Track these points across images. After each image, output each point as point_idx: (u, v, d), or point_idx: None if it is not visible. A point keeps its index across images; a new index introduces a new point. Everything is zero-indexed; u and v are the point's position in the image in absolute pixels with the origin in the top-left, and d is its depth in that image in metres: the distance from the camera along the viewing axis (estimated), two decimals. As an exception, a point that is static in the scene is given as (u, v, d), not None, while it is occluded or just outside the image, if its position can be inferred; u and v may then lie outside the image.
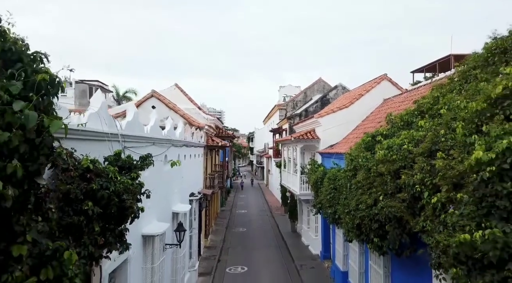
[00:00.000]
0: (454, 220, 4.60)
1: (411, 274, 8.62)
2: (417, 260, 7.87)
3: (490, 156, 4.14)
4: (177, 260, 12.29)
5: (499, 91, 5.34)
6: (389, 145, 7.57)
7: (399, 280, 9.54)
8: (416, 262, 8.04)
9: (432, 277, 6.79)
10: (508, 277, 3.71)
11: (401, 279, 9.38)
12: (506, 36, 8.55)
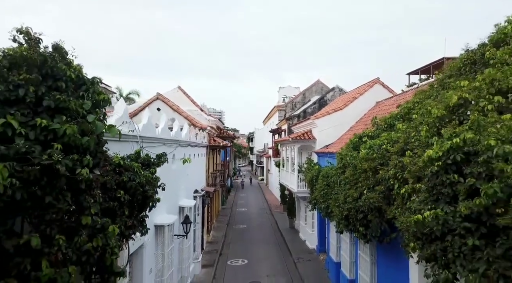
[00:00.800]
0: (414, 205, 5.72)
1: (392, 259, 9.73)
2: (396, 246, 8.98)
3: (438, 154, 5.26)
4: (183, 250, 13.42)
5: (455, 100, 6.47)
6: (371, 145, 8.71)
7: (383, 265, 10.66)
8: (396, 248, 9.16)
9: (409, 259, 7.91)
10: (447, 246, 4.82)
11: (385, 264, 10.50)
12: (475, 49, 9.67)
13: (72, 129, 3.33)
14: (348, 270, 13.66)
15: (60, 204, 3.39)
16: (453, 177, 5.07)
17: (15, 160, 2.94)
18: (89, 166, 3.56)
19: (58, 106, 3.49)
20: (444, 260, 4.92)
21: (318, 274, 16.84)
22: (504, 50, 8.08)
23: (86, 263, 4.29)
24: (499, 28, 9.31)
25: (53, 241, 3.44)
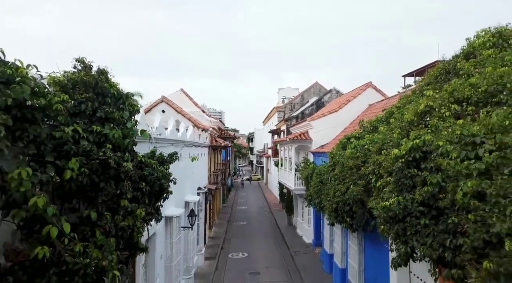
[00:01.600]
0: (385, 195, 6.93)
1: (376, 246, 10.94)
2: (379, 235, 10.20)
3: (402, 152, 6.46)
4: (188, 241, 14.63)
5: (422, 108, 7.69)
6: (355, 145, 9.93)
7: (369, 252, 11.87)
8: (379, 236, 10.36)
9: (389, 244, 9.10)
10: (406, 226, 6.02)
11: (370, 251, 11.71)
12: (450, 60, 10.87)
13: (118, 134, 4.54)
14: (339, 260, 14.87)
15: (109, 189, 4.60)
16: (413, 171, 6.28)
17: (82, 155, 4.13)
18: (128, 161, 4.77)
19: (107, 117, 4.69)
20: (404, 237, 6.14)
21: (313, 265, 18.05)
22: (470, 62, 9.31)
23: (121, 238, 5.50)
24: (470, 42, 10.53)
25: (103, 216, 4.65)
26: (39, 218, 3.45)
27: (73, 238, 3.76)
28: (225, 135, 32.38)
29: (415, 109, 7.93)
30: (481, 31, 10.47)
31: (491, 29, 10.24)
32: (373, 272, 11.66)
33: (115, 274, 4.57)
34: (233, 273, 17.07)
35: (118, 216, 5.12)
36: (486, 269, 3.78)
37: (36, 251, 3.38)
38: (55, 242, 3.61)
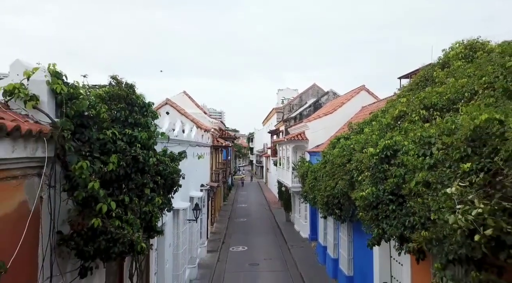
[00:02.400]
0: (363, 187, 8.17)
1: (362, 236, 12.17)
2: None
3: (377, 151, 7.70)
4: (192, 233, 15.88)
5: (397, 113, 8.94)
6: (342, 145, 11.17)
7: (357, 242, 13.10)
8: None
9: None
10: (379, 212, 7.26)
11: (358, 241, 12.94)
12: (428, 68, 12.10)
13: (145, 135, 5.78)
14: (332, 251, 16.12)
15: (137, 179, 5.85)
16: (385, 166, 7.53)
17: (119, 152, 5.37)
18: (152, 157, 6.02)
19: (136, 122, 5.92)
20: (377, 221, 7.38)
21: (308, 257, 19.30)
22: (444, 72, 10.57)
23: (143, 220, 6.75)
24: (445, 53, 11.80)
25: (132, 201, 5.90)
26: (94, 197, 4.70)
27: (118, 213, 5.01)
28: (226, 135, 33.65)
29: (392, 114, 9.18)
30: (455, 43, 11.74)
31: (464, 42, 11.51)
32: (360, 259, 12.90)
33: (143, 246, 5.82)
34: (234, 264, 18.32)
35: (142, 202, 6.36)
36: (423, 236, 5.02)
37: (92, 221, 4.62)
38: (103, 217, 4.86)
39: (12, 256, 3.67)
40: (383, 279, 10.75)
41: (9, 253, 3.67)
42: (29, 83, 4.48)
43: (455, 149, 5.33)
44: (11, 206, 3.90)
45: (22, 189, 4.11)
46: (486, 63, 8.61)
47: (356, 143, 10.69)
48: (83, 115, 4.72)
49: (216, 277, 16.37)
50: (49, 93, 4.55)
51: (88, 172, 4.56)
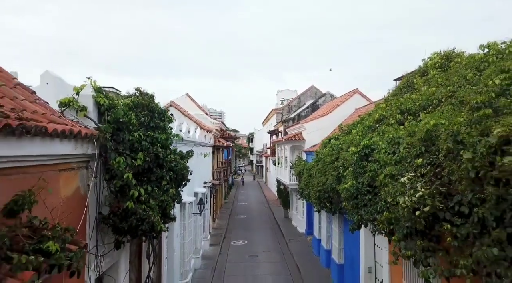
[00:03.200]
0: (347, 181, 9.51)
1: (351, 227, 13.49)
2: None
3: (357, 149, 9.04)
4: (196, 226, 17.23)
5: (378, 116, 10.29)
6: (332, 144, 12.51)
7: (347, 233, 14.41)
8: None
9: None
10: (358, 202, 8.60)
11: (348, 232, 14.26)
12: (410, 75, 13.43)
13: (164, 137, 7.12)
14: (325, 242, 17.47)
15: (158, 172, 7.19)
16: (364, 163, 8.87)
17: (144, 151, 6.71)
18: (169, 155, 7.36)
19: (156, 126, 7.25)
20: (357, 209, 8.73)
21: (304, 250, 20.65)
22: (422, 80, 11.90)
23: (160, 207, 8.08)
24: (425, 62, 13.11)
25: (153, 190, 7.23)
26: (127, 185, 6.04)
27: (145, 199, 6.35)
28: (227, 136, 35.00)
29: (374, 117, 10.52)
30: (433, 53, 13.05)
31: (441, 52, 12.83)
32: (349, 249, 14.23)
33: (162, 227, 7.16)
34: (235, 256, 19.67)
35: (160, 191, 7.70)
36: (385, 216, 6.35)
37: (127, 204, 5.96)
38: (134, 201, 6.20)
39: (75, 226, 5.00)
40: (368, 264, 12.09)
41: (72, 224, 5.01)
42: (79, 97, 5.82)
43: (413, 147, 6.67)
44: (71, 190, 5.24)
45: (77, 178, 5.46)
46: (453, 74, 9.95)
47: (343, 143, 12.04)
48: (119, 121, 6.06)
49: (219, 266, 17.72)
50: (94, 104, 5.89)
51: (124, 165, 5.90)
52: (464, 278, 4.77)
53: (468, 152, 4.62)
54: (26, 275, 3.12)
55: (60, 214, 4.62)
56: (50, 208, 4.37)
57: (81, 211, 5.46)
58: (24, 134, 3.79)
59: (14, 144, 3.69)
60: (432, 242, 5.54)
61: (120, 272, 7.09)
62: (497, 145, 4.24)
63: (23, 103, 4.77)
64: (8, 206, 3.58)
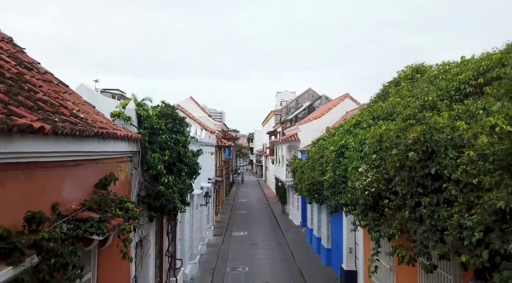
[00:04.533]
0: (327, 173, 11.75)
1: (336, 216, 15.73)
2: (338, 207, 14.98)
3: (335, 148, 11.27)
4: (202, 217, 19.47)
5: (354, 121, 12.53)
6: (319, 144, 14.76)
7: (334, 221, 16.66)
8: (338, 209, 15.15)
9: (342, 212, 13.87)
10: (335, 190, 10.81)
11: (335, 220, 16.51)
12: (388, 84, 15.62)
13: (184, 139, 9.36)
14: (317, 231, 19.71)
15: (179, 166, 9.41)
16: (340, 159, 11.10)
17: (169, 149, 8.93)
18: (188, 153, 9.60)
19: (177, 130, 9.46)
20: (334, 196, 10.95)
21: (299, 239, 22.90)
22: (395, 90, 14.11)
23: (179, 193, 10.31)
24: (399, 74, 15.31)
25: (175, 179, 9.46)
26: (159, 174, 8.26)
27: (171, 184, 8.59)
28: (228, 136, 37.24)
29: (351, 122, 12.76)
30: (405, 66, 15.25)
31: (413, 65, 15.02)
32: (335, 235, 16.46)
33: (181, 208, 9.41)
34: (236, 244, 21.91)
35: (180, 181, 9.92)
36: (349, 198, 8.57)
37: (160, 188, 8.19)
38: (164, 186, 8.43)
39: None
40: (349, 245, 14.31)
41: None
42: (125, 110, 8.05)
43: (372, 146, 8.89)
44: (123, 176, 7.47)
45: (126, 168, 7.69)
46: (416, 86, 12.16)
47: (328, 143, 14.27)
48: (153, 128, 8.29)
49: (222, 252, 19.95)
50: (136, 115, 8.13)
51: (157, 160, 8.13)
52: (396, 235, 6.98)
53: (395, 149, 6.84)
54: (118, 220, 5.35)
55: (119, 191, 6.85)
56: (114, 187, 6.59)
57: (129, 191, 7.69)
58: (105, 137, 6.02)
59: (99, 144, 5.90)
60: (378, 214, 7.76)
61: (150, 241, 9.32)
62: (410, 145, 6.46)
63: (94, 116, 7.01)
64: (101, 182, 5.81)
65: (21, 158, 3.94)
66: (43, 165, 4.47)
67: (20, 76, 5.77)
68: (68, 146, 4.84)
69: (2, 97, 4.27)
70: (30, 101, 4.96)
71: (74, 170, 5.34)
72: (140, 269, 8.43)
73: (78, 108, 6.60)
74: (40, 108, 5.04)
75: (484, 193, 4.14)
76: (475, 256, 4.38)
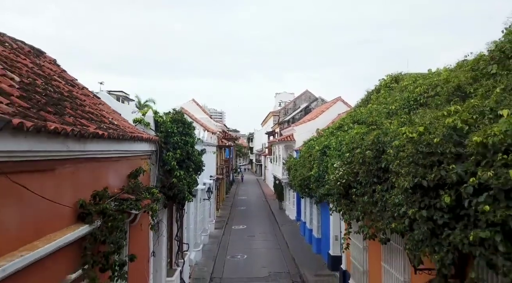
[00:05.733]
0: (314, 170, 13.67)
1: (324, 208, 17.65)
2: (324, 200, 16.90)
3: (320, 147, 13.17)
4: (205, 210, 21.39)
5: (338, 124, 14.46)
6: (309, 144, 16.69)
7: (323, 213, 18.59)
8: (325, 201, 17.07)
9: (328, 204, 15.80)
10: (319, 184, 12.72)
11: (323, 212, 18.44)
12: (371, 91, 17.52)
13: (192, 140, 11.26)
14: (309, 223, 21.64)
15: (188, 163, 11.33)
16: (324, 157, 13.03)
17: (179, 149, 10.84)
18: (195, 152, 11.52)
19: (187, 132, 11.38)
20: (318, 188, 12.86)
21: (293, 232, 24.84)
22: (375, 96, 16.02)
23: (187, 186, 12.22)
24: (380, 81, 17.22)
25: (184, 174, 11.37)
26: (173, 169, 10.18)
27: (181, 178, 10.51)
28: (228, 137, 39.15)
29: (335, 125, 14.68)
30: (386, 75, 17.14)
31: (392, 74, 16.92)
32: (324, 226, 18.38)
33: (190, 198, 11.33)
34: (236, 236, 23.85)
35: (188, 176, 11.83)
36: (326, 188, 10.46)
37: (173, 180, 10.12)
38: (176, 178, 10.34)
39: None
40: (335, 233, 16.24)
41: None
42: (145, 117, 9.97)
43: (347, 147, 10.81)
44: (146, 168, 9.38)
45: (147, 163, 9.60)
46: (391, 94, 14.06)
47: (316, 143, 16.19)
48: (167, 131, 10.21)
49: (223, 243, 21.89)
50: (153, 121, 10.05)
51: (171, 157, 10.05)
52: (360, 216, 8.87)
53: (359, 149, 8.75)
54: (147, 201, 7.27)
55: (143, 181, 8.77)
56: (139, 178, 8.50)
57: (148, 182, 9.61)
58: (135, 140, 7.93)
59: (130, 144, 7.81)
60: (348, 200, 9.67)
61: (164, 223, 11.23)
62: (368, 145, 8.36)
63: (123, 123, 8.94)
64: (132, 173, 7.73)
65: (89, 154, 5.85)
66: (99, 160, 6.39)
67: (71, 94, 7.69)
68: (113, 146, 6.76)
69: (71, 112, 6.18)
70: (85, 114, 6.88)
71: (115, 164, 7.26)
72: (156, 245, 10.36)
73: (111, 117, 8.52)
74: (92, 119, 6.96)
75: (399, 177, 6.06)
76: (401, 224, 6.30)
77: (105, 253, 5.77)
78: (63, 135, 4.64)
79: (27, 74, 6.32)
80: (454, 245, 4.88)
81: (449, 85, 8.04)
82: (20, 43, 8.21)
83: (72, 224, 5.35)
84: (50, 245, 4.48)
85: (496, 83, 6.58)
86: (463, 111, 5.46)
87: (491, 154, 4.32)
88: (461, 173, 4.75)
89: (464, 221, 4.76)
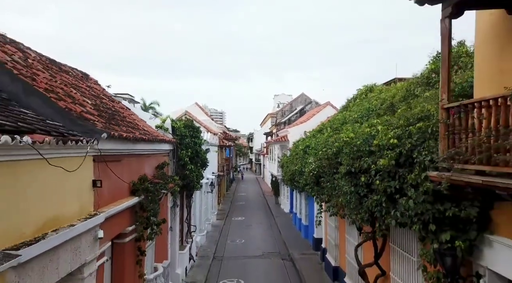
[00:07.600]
0: (298, 165, 16.71)
1: (310, 199, 20.68)
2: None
3: (302, 147, 16.20)
4: (208, 202, 24.46)
5: (318, 128, 17.51)
6: (296, 144, 19.76)
7: (310, 204, 21.62)
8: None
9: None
10: (301, 177, 15.73)
11: (310, 203, 21.46)
12: (350, 99, 20.53)
13: (200, 141, 14.32)
14: (299, 213, 24.69)
15: (197, 159, 14.37)
16: (305, 155, 16.08)
17: (190, 148, 13.84)
18: (202, 151, 14.57)
19: (195, 135, 14.36)
20: (299, 181, 15.89)
21: (287, 222, 27.92)
22: (353, 104, 19.05)
23: (196, 178, 15.27)
24: (357, 91, 20.23)
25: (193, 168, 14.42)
26: (186, 164, 13.22)
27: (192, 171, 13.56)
28: (229, 137, 42.22)
29: (317, 129, 17.73)
30: (362, 86, 20.16)
31: (368, 85, 19.92)
32: (310, 213, 21.40)
33: (198, 187, 14.39)
34: (235, 226, 26.93)
35: (196, 169, 14.87)
36: (304, 179, 13.46)
37: (186, 172, 13.16)
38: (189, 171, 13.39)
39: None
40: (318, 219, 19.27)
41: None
42: (164, 124, 13.02)
43: (322, 146, 13.85)
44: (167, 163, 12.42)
45: (167, 158, 12.64)
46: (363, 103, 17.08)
47: (301, 144, 19.22)
48: (182, 135, 13.25)
49: (224, 231, 24.96)
50: (171, 127, 13.10)
51: (184, 155, 13.09)
52: (326, 199, 11.88)
53: (325, 148, 11.77)
54: (171, 185, 10.32)
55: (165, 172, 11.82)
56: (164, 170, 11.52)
57: (168, 173, 12.65)
58: (160, 141, 10.97)
59: (157, 145, 10.83)
60: (319, 187, 12.69)
61: (177, 209, 14.28)
62: (331, 145, 11.36)
63: (149, 128, 11.99)
64: (159, 166, 10.77)
65: (136, 152, 8.87)
66: (141, 155, 9.43)
67: (115, 109, 10.73)
68: (149, 146, 9.81)
69: (122, 123, 9.21)
70: (128, 123, 9.92)
71: (148, 158, 10.30)
72: (173, 222, 13.41)
73: (141, 124, 11.58)
74: (133, 127, 9.99)
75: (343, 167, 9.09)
76: (344, 198, 9.33)
77: (147, 216, 8.83)
78: (128, 139, 7.69)
79: (90, 96, 9.37)
80: (367, 207, 7.93)
81: (387, 102, 11.09)
82: (77, 71, 11.25)
83: (128, 196, 8.41)
84: (121, 206, 7.53)
85: (412, 103, 9.62)
86: (377, 123, 8.51)
87: (382, 151, 7.37)
88: (370, 163, 7.80)
89: (373, 193, 7.81)
